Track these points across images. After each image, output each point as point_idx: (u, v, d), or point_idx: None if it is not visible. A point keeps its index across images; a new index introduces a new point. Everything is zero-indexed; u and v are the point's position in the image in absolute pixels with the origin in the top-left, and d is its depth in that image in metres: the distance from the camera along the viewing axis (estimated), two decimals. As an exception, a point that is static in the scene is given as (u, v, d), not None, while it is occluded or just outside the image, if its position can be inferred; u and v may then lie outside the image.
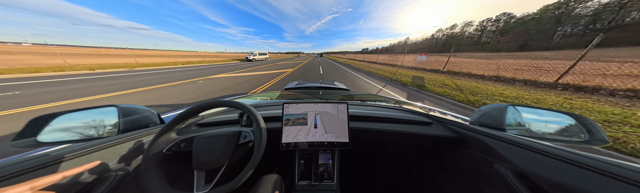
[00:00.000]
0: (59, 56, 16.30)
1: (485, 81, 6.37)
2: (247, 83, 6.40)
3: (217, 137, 0.61)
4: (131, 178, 0.63)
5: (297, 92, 2.02)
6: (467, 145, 0.76)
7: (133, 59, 17.57)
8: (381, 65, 14.81)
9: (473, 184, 0.75)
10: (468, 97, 3.97)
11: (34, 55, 21.56)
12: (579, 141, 0.58)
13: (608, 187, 0.39)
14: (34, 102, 3.73)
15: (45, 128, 0.56)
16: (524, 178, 0.54)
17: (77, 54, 29.67)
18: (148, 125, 0.74)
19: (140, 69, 10.82)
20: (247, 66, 15.03)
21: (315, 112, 0.78)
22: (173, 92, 4.81)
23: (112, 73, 9.09)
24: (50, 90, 4.89)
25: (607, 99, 3.67)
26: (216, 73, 9.22)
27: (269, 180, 0.64)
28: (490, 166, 0.63)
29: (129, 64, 12.90)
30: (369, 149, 1.27)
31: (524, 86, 5.22)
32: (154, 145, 0.58)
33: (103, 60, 16.29)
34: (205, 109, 0.66)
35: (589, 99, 3.70)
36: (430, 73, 8.77)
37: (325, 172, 0.74)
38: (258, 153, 0.53)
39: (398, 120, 0.92)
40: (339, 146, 0.75)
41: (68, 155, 0.49)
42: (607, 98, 3.72)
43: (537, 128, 0.67)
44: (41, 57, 17.25)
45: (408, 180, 1.14)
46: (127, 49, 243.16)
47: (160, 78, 7.47)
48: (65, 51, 45.06)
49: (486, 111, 0.76)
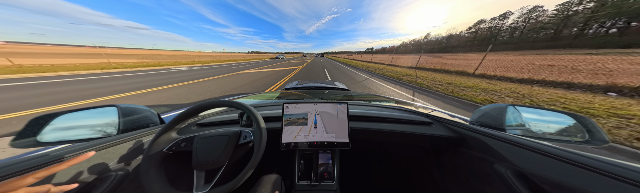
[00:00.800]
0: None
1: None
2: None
3: (217, 137, 0.61)
4: (131, 178, 0.63)
5: (297, 92, 2.02)
6: (467, 145, 0.76)
7: (106, 59, 16.51)
8: (427, 71, 9.88)
9: (473, 184, 0.75)
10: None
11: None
12: (579, 141, 0.59)
13: (608, 187, 0.39)
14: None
15: (45, 128, 0.56)
16: (524, 178, 0.54)
17: (56, 53, 27.37)
18: (148, 124, 0.74)
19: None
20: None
21: (315, 112, 0.78)
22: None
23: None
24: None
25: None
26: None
27: (269, 180, 0.64)
28: (490, 166, 0.63)
29: (99, 65, 11.68)
30: (369, 149, 1.27)
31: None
32: (155, 144, 0.58)
33: (82, 60, 15.28)
34: (206, 109, 0.66)
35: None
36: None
37: (325, 171, 0.74)
38: (258, 154, 0.53)
39: (398, 120, 0.92)
40: (339, 146, 0.75)
41: (68, 155, 0.49)
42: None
43: (537, 128, 0.67)
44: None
45: (408, 180, 1.14)
46: (124, 49, 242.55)
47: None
48: (43, 50, 42.43)
49: (486, 111, 0.76)
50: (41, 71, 8.45)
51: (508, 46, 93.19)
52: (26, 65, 10.76)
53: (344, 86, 2.39)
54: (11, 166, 0.41)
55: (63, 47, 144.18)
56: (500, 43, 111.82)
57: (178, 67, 13.68)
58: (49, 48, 68.89)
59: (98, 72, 9.62)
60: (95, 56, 24.16)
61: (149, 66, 12.82)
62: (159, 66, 13.18)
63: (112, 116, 0.66)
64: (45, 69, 8.95)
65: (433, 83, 6.07)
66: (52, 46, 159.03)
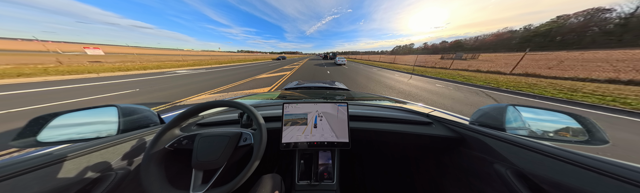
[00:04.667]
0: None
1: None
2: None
3: (218, 137, 0.61)
4: (131, 178, 0.63)
5: (297, 92, 2.01)
6: (467, 145, 0.76)
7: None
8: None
9: (473, 184, 0.75)
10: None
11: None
12: (579, 141, 0.58)
13: (608, 187, 0.39)
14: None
15: (45, 128, 0.56)
16: (524, 178, 0.54)
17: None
18: (148, 124, 0.74)
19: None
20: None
21: (315, 112, 0.78)
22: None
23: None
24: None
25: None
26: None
27: (269, 180, 0.64)
28: (490, 166, 0.64)
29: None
30: (369, 149, 1.27)
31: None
32: (157, 142, 0.58)
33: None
34: (206, 109, 0.66)
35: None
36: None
37: (325, 171, 0.74)
38: (257, 156, 0.53)
39: (398, 120, 0.92)
40: (339, 146, 0.75)
41: (68, 155, 0.49)
42: None
43: (537, 128, 0.67)
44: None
45: (408, 179, 1.14)
46: (129, 47, 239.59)
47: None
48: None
49: (486, 111, 0.76)
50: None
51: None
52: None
53: (344, 86, 2.39)
54: (11, 166, 0.41)
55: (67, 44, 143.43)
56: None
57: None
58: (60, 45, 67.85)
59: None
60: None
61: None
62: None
63: (112, 116, 0.66)
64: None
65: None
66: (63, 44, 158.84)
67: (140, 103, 1.61)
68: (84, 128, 0.64)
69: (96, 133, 0.63)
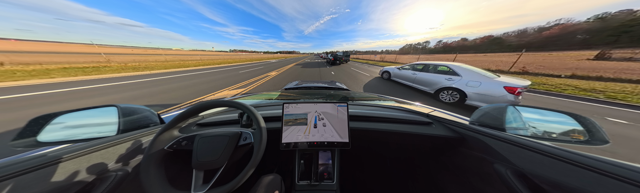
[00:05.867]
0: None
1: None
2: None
3: (217, 137, 0.61)
4: (131, 178, 0.63)
5: (297, 92, 2.01)
6: (467, 145, 0.76)
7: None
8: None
9: (473, 184, 0.75)
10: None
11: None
12: (579, 141, 0.58)
13: (608, 187, 0.39)
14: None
15: (45, 128, 0.56)
16: (524, 178, 0.54)
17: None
18: (148, 124, 0.74)
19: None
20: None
21: (315, 112, 0.78)
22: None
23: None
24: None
25: None
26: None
27: (269, 180, 0.64)
28: (490, 166, 0.64)
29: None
30: (369, 149, 1.27)
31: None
32: (156, 142, 0.58)
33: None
34: (206, 109, 0.66)
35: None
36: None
37: (325, 171, 0.74)
38: (257, 156, 0.53)
39: (398, 120, 0.92)
40: (339, 146, 0.75)
41: (68, 155, 0.49)
42: None
43: (537, 128, 0.67)
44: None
45: (408, 180, 1.14)
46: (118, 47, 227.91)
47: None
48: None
49: (486, 111, 0.76)
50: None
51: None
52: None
53: (344, 86, 2.39)
54: (11, 167, 0.41)
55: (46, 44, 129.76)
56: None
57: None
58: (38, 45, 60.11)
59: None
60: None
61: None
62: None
63: (112, 116, 0.66)
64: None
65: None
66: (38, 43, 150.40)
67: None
68: (83, 128, 0.64)
69: (96, 133, 0.63)
